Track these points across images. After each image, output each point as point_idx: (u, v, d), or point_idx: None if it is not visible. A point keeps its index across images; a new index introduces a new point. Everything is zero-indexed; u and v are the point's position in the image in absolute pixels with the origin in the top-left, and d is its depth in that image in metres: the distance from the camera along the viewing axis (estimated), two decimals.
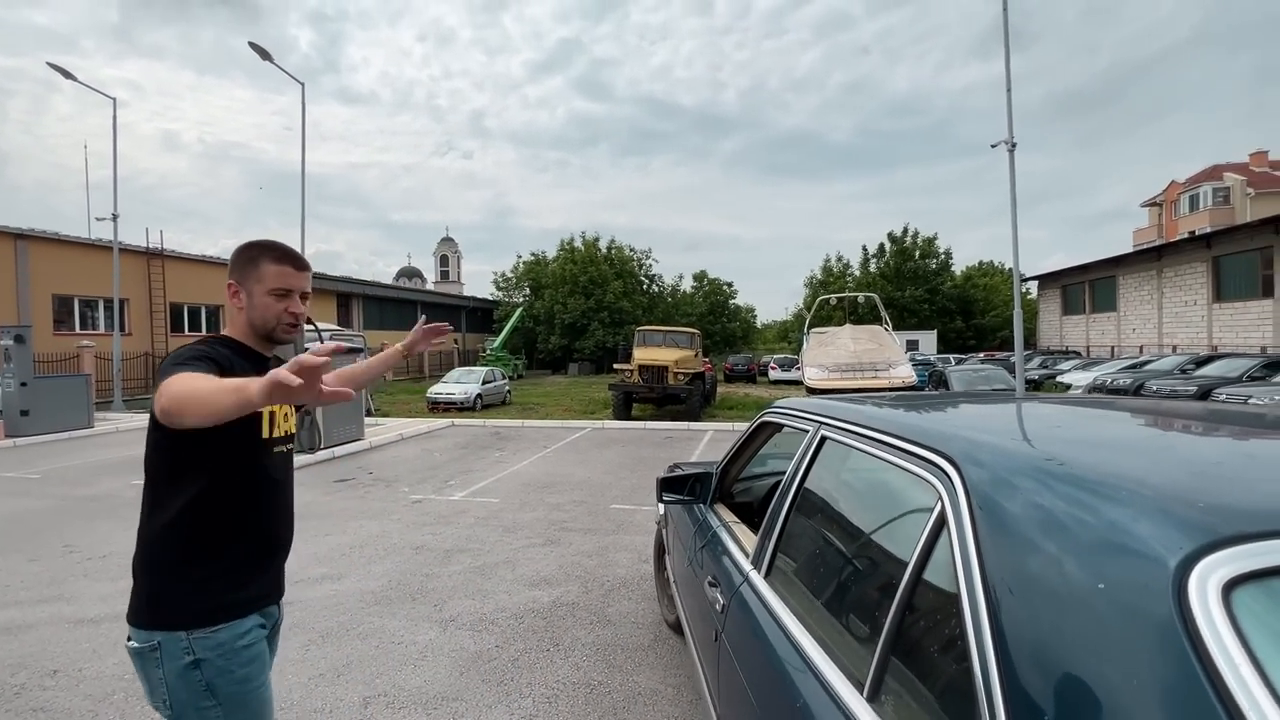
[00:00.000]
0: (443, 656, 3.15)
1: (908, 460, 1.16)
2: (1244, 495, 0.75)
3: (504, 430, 12.41)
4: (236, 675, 1.32)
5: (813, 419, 1.73)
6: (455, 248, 63.31)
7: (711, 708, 1.72)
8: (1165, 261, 25.14)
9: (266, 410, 1.39)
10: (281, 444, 1.48)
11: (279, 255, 1.44)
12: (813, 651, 1.20)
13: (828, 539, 1.48)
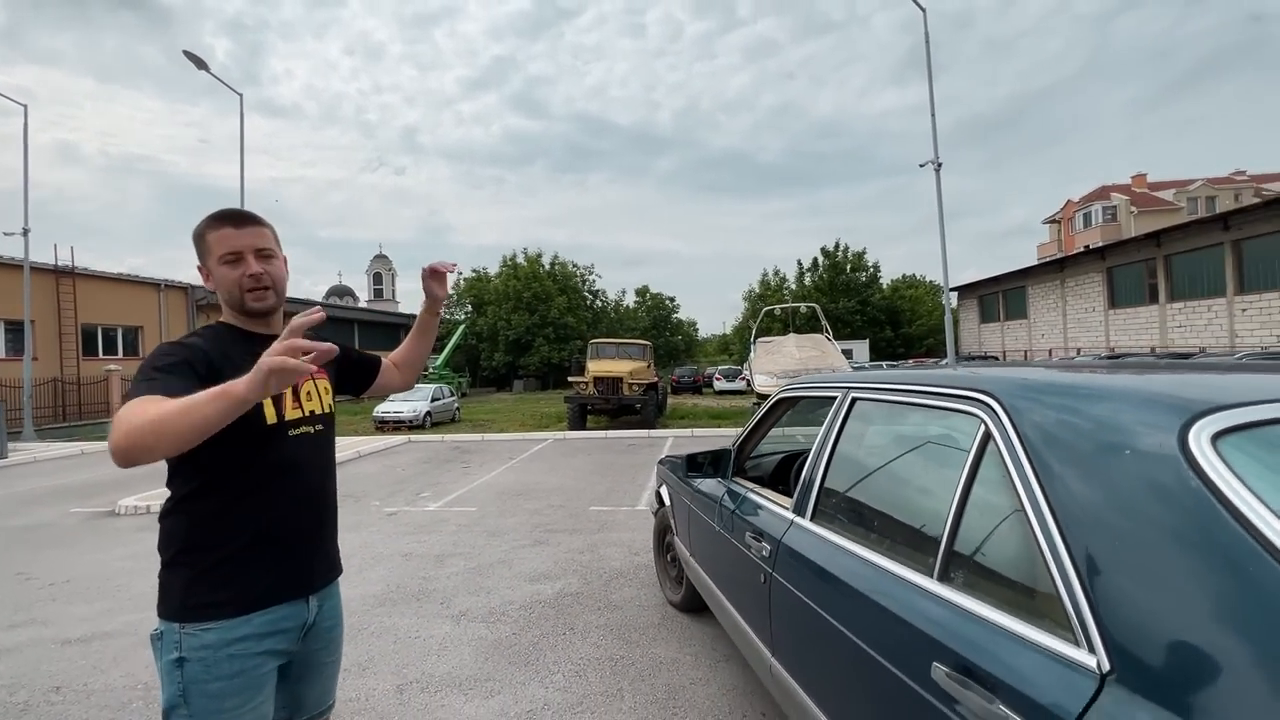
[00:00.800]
0: (464, 646, 3.25)
1: (948, 401, 1.46)
2: (1213, 387, 1.08)
3: (464, 444, 12.27)
4: (210, 689, 1.19)
5: (839, 386, 2.03)
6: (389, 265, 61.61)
7: (766, 641, 1.97)
8: (1067, 273, 27.59)
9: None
10: (304, 425, 1.36)
11: (216, 220, 1.32)
12: (876, 559, 1.48)
13: (870, 479, 1.77)
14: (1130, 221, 40.43)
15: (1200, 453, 0.92)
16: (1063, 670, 0.94)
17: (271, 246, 1.36)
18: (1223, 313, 19.52)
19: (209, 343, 1.28)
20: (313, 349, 1.01)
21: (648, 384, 15.92)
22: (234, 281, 1.31)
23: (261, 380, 0.96)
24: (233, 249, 1.31)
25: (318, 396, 1.42)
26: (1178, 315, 21.43)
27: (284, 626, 1.31)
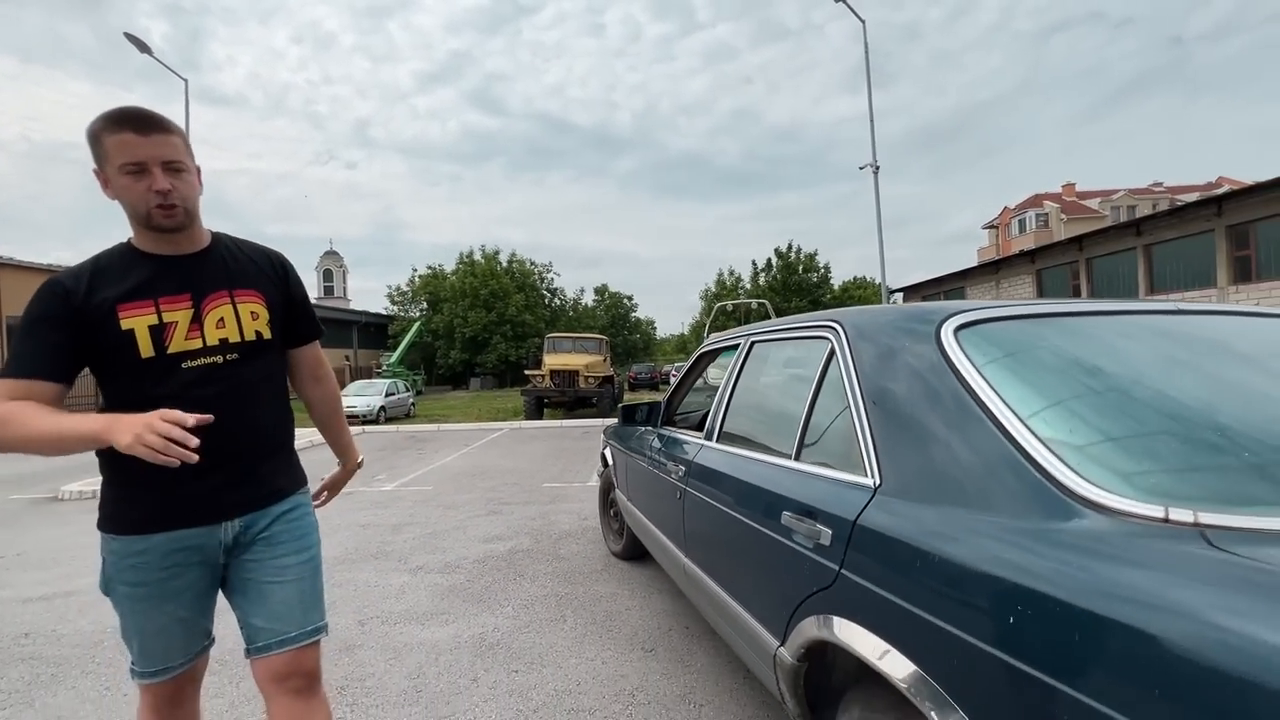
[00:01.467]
0: (420, 590, 3.53)
1: (811, 331, 1.86)
2: (967, 306, 1.50)
3: (419, 434, 12.35)
4: (120, 590, 1.29)
5: (742, 335, 2.43)
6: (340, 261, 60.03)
7: (681, 546, 2.35)
8: (1001, 274, 29.23)
9: (150, 324, 1.23)
10: (205, 355, 1.28)
11: (115, 122, 1.18)
12: (756, 454, 1.87)
13: (759, 402, 2.17)
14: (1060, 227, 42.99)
15: (946, 339, 1.33)
16: (854, 491, 1.35)
17: (182, 158, 1.23)
18: None
19: (87, 277, 1.22)
20: (180, 439, 1.04)
21: (603, 377, 16.25)
22: (138, 196, 1.20)
23: (124, 446, 1.04)
24: (135, 159, 1.18)
25: (234, 323, 1.31)
26: None
27: (190, 544, 1.28)
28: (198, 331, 1.28)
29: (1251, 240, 17.23)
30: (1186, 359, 1.33)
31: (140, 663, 1.34)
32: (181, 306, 1.28)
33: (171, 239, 1.28)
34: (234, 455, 1.31)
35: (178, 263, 1.29)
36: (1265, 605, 0.67)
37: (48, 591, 3.70)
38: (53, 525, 5.51)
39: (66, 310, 1.19)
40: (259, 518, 1.36)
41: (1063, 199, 47.05)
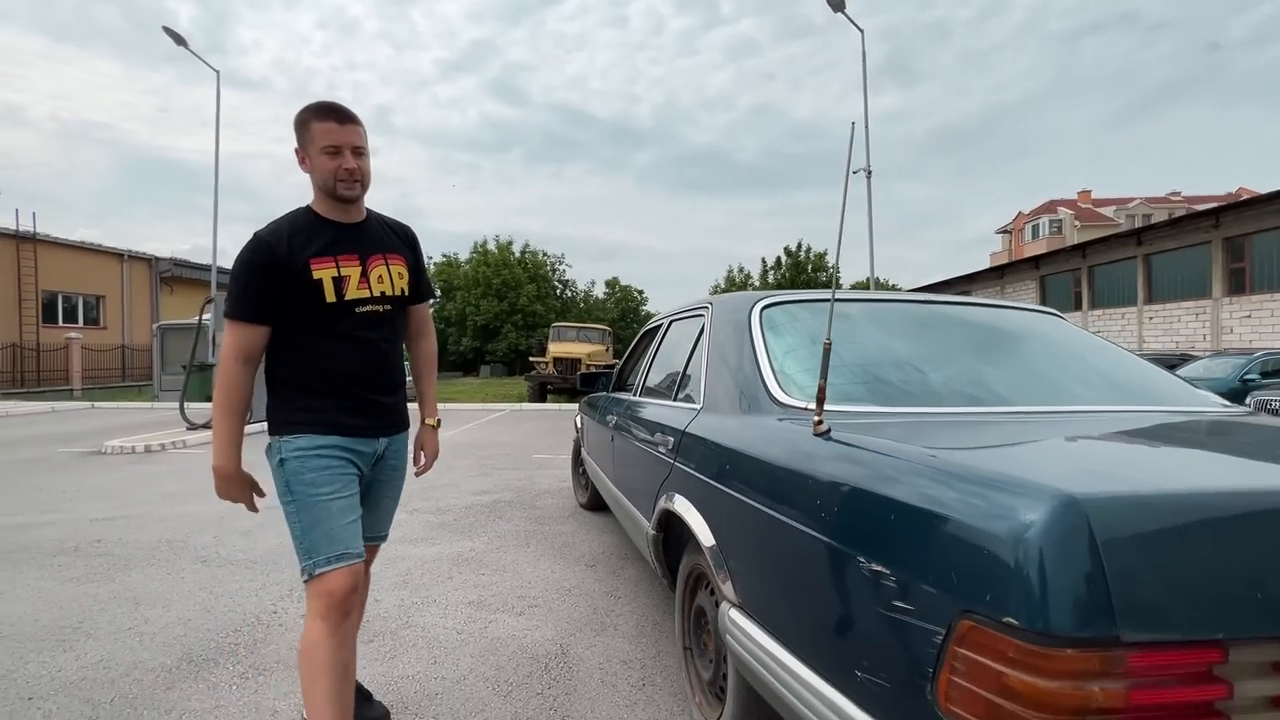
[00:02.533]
0: (414, 525, 4.24)
1: (696, 312, 2.52)
2: (766, 296, 2.15)
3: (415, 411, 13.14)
4: (305, 478, 1.50)
5: (665, 317, 3.09)
6: None
7: (610, 475, 3.03)
8: (1007, 280, 29.47)
9: (333, 275, 1.53)
10: (371, 304, 1.59)
11: (322, 112, 1.52)
12: (656, 401, 2.54)
13: (666, 363, 2.84)
14: (1074, 235, 42.86)
15: (753, 315, 1.98)
16: (689, 413, 2.01)
17: (365, 145, 1.57)
18: (1133, 320, 21.42)
19: (285, 236, 1.51)
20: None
21: (605, 366, 16.97)
22: (330, 171, 1.51)
23: (216, 481, 1.57)
24: (334, 143, 1.51)
25: (389, 280, 1.63)
26: (1097, 321, 23.32)
27: (357, 449, 1.58)
28: (365, 284, 1.58)
29: (1247, 253, 17.48)
30: (886, 328, 1.96)
31: (325, 546, 1.48)
32: (353, 264, 1.58)
33: (344, 209, 1.58)
34: (389, 387, 1.64)
35: (348, 229, 1.60)
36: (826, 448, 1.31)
37: (110, 514, 4.46)
38: (101, 472, 6.30)
39: (275, 262, 1.48)
40: (394, 440, 1.71)
41: (1077, 206, 46.86)
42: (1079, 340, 2.07)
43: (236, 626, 2.59)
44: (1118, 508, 0.78)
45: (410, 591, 3.01)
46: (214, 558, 3.50)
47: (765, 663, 1.27)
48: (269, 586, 3.07)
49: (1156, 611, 0.74)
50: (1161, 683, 0.74)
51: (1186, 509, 0.79)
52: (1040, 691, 0.73)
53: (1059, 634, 0.73)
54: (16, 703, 2.01)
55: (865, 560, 1.01)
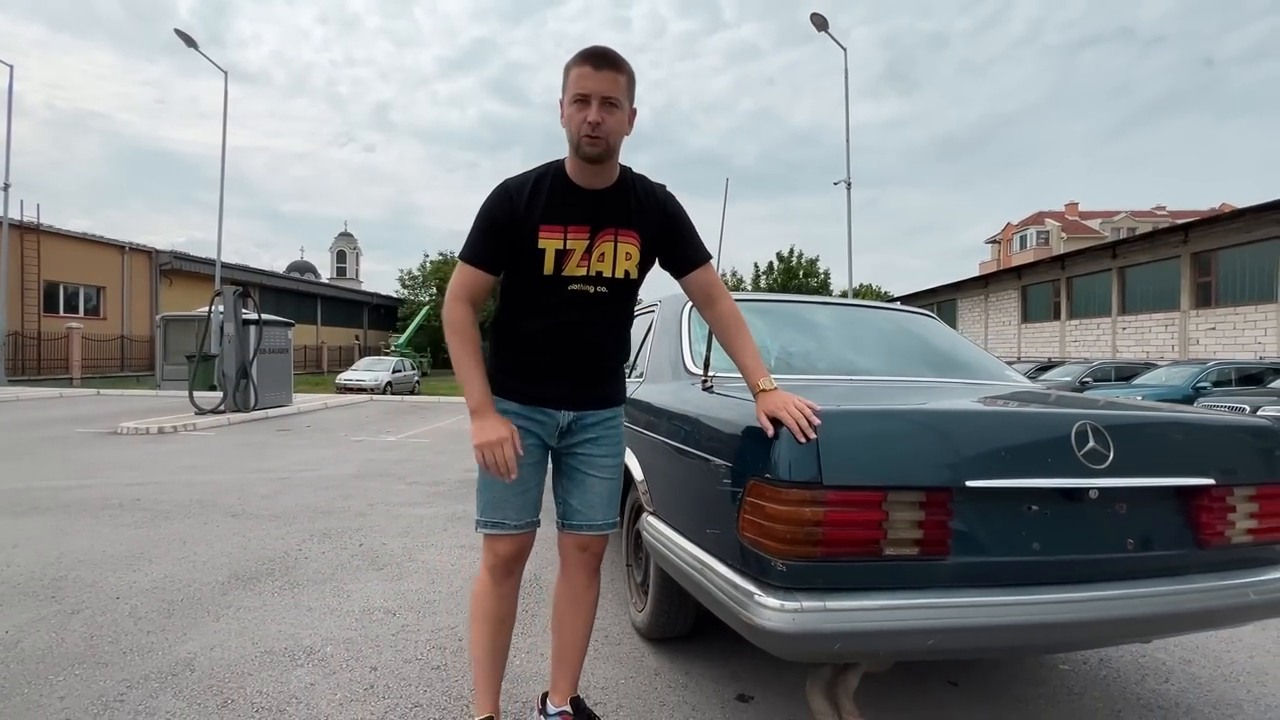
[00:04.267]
0: (415, 493, 4.82)
1: (650, 310, 3.11)
2: None
3: (421, 404, 13.70)
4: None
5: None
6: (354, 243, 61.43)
7: None
8: (990, 288, 30.24)
9: (558, 247, 1.44)
10: (584, 283, 1.48)
11: (581, 57, 1.38)
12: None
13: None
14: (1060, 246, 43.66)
15: (685, 310, 2.58)
16: (636, 385, 2.60)
17: (619, 96, 1.38)
18: (1108, 330, 22.17)
19: (528, 190, 1.44)
20: (503, 473, 1.44)
21: None
22: (576, 123, 1.38)
23: (473, 443, 1.44)
24: (583, 90, 1.36)
25: (611, 260, 1.49)
26: (1075, 331, 24.07)
27: (536, 418, 1.55)
28: (586, 261, 1.47)
29: (1213, 268, 18.24)
30: (787, 322, 2.56)
31: (485, 513, 1.55)
32: (581, 237, 1.46)
33: (592, 171, 1.44)
34: (588, 373, 1.56)
35: (589, 196, 1.46)
36: (706, 398, 1.89)
37: (141, 481, 5.01)
38: (122, 448, 6.85)
39: (511, 217, 1.43)
40: (587, 415, 1.58)
41: (1065, 218, 47.77)
42: (938, 334, 2.67)
43: (270, 558, 3.17)
44: (832, 416, 1.38)
45: (412, 539, 3.59)
46: (241, 513, 4.07)
47: (665, 544, 1.86)
48: (293, 533, 3.64)
49: (846, 469, 1.34)
50: (847, 509, 1.33)
51: (869, 417, 1.40)
52: (779, 512, 1.33)
53: (790, 480, 1.33)
54: (107, 601, 2.58)
55: (715, 460, 1.60)
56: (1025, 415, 1.53)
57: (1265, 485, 1.60)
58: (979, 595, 1.37)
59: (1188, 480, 1.51)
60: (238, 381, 9.92)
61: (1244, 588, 1.54)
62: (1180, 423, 1.64)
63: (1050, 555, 1.43)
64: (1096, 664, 2.26)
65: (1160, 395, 11.88)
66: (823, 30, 13.03)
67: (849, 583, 1.36)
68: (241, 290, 10.19)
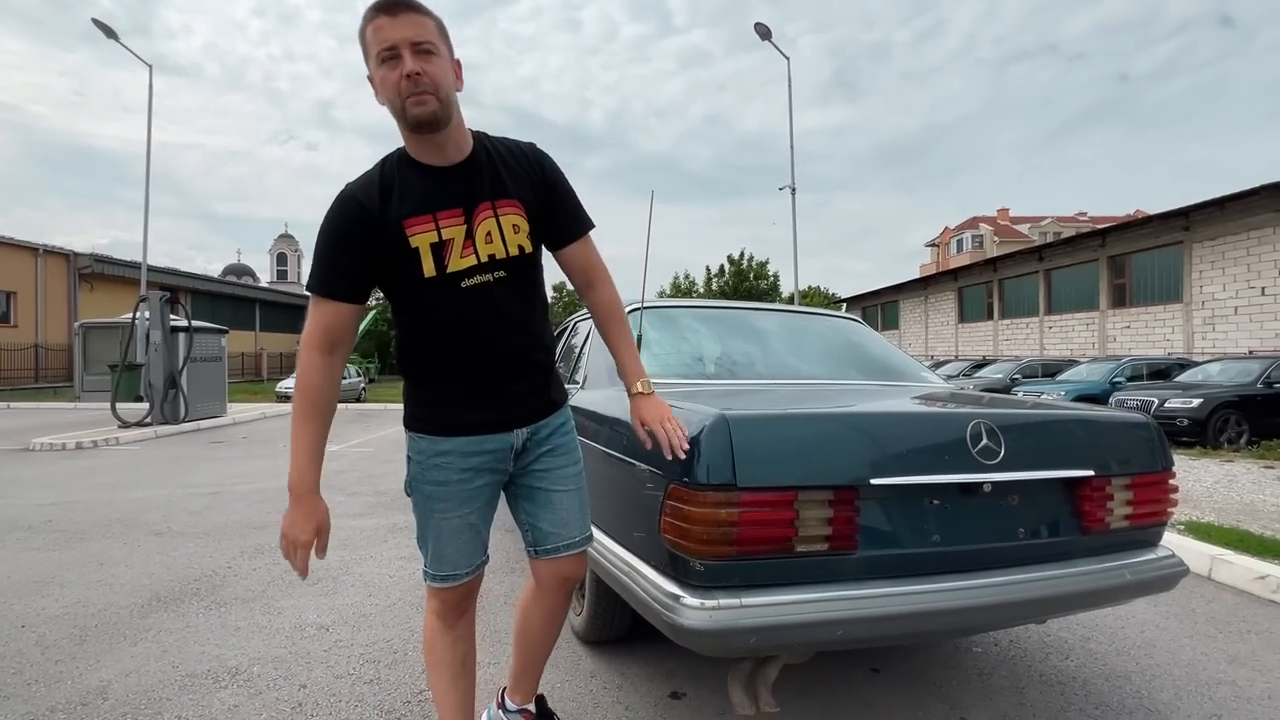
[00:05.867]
0: (355, 504, 4.70)
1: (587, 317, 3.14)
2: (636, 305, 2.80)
3: (367, 411, 13.32)
4: (424, 489, 1.38)
5: (572, 320, 3.71)
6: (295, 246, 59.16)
7: None
8: (930, 290, 31.57)
9: (432, 240, 1.21)
10: (479, 273, 1.25)
11: (371, 10, 1.14)
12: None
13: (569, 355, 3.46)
14: (993, 249, 46.00)
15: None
16: (575, 390, 2.63)
17: (433, 40, 1.15)
18: (1036, 330, 23.47)
19: (376, 189, 1.20)
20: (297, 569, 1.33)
21: None
22: (393, 87, 1.13)
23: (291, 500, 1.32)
24: (388, 43, 1.12)
25: (499, 237, 1.26)
26: (1007, 330, 25.38)
27: (487, 448, 1.33)
28: (471, 248, 1.23)
29: (1127, 270, 19.57)
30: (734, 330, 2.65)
31: (432, 566, 1.39)
32: (456, 222, 1.22)
33: (437, 144, 1.20)
34: (519, 371, 1.33)
35: (449, 174, 1.23)
36: (618, 399, 1.94)
37: (53, 500, 4.71)
38: (33, 466, 6.41)
39: (362, 224, 1.18)
40: (541, 428, 1.40)
41: (997, 223, 50.34)
42: (865, 339, 2.79)
43: (196, 577, 3.04)
44: (744, 421, 1.44)
45: (350, 551, 3.51)
46: (166, 531, 3.89)
47: (597, 549, 1.90)
48: (222, 550, 3.50)
49: (758, 471, 1.41)
50: (760, 509, 1.40)
51: (780, 421, 1.48)
52: (696, 514, 1.38)
53: (706, 484, 1.38)
54: (12, 630, 2.43)
55: (639, 465, 1.65)
56: (925, 416, 1.64)
57: (1140, 475, 1.76)
58: (884, 586, 1.46)
59: (1071, 472, 1.64)
60: (166, 392, 9.41)
61: (1121, 569, 1.69)
62: (1064, 419, 1.78)
63: (950, 546, 1.53)
64: (1006, 645, 2.41)
65: (1081, 390, 12.67)
66: (766, 40, 13.36)
67: (763, 580, 1.42)
68: (168, 295, 9.68)
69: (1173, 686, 2.10)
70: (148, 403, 9.46)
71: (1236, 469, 7.44)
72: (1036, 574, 1.58)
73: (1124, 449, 1.77)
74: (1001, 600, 1.52)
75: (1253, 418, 9.43)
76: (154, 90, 14.23)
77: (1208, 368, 11.33)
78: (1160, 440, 1.85)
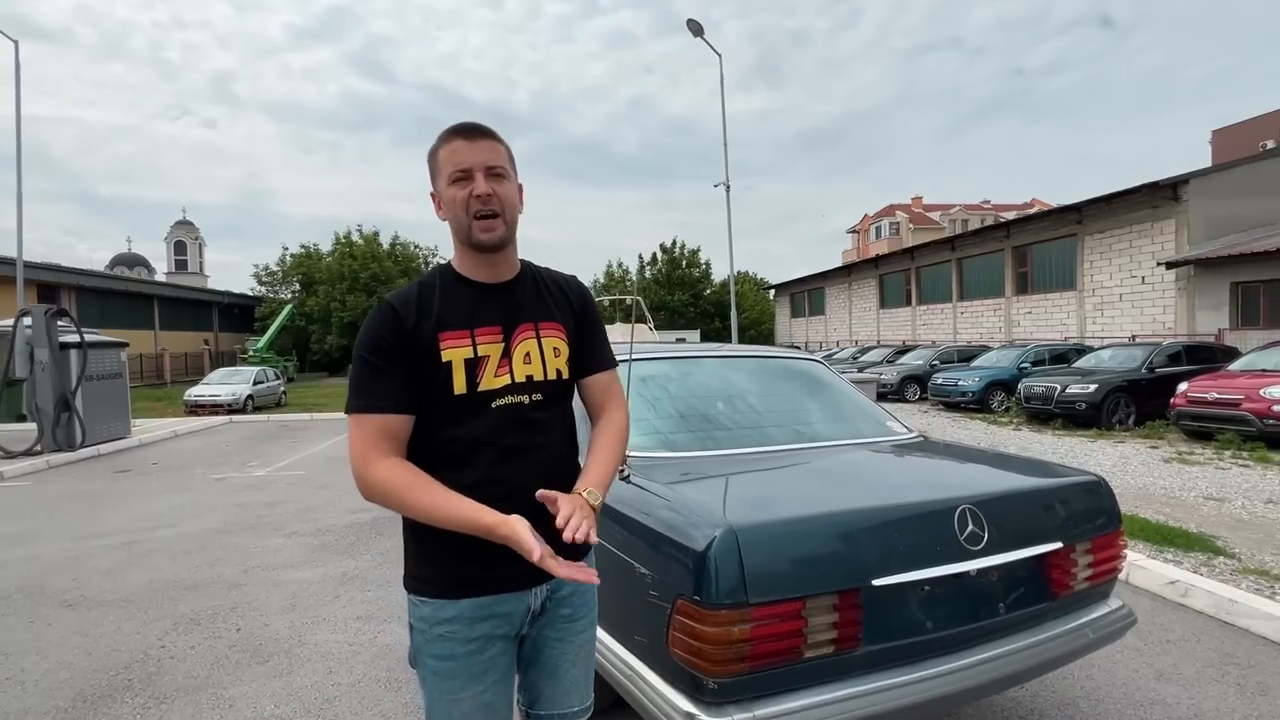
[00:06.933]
0: (295, 548, 4.41)
1: None
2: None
3: (292, 423, 12.53)
4: (430, 664, 1.18)
5: None
6: (195, 233, 54.47)
7: None
8: (853, 277, 32.96)
9: (467, 356, 1.13)
10: (512, 394, 1.16)
11: (447, 133, 1.17)
12: None
13: None
14: (909, 236, 48.56)
15: None
16: None
17: (504, 165, 1.18)
18: (950, 316, 25.02)
19: (414, 301, 1.14)
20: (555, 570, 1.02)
21: None
22: (461, 204, 1.14)
23: (501, 539, 1.03)
24: (462, 165, 1.14)
25: (539, 359, 1.20)
26: (924, 315, 26.91)
27: (500, 611, 1.18)
28: (506, 367, 1.17)
29: (1029, 260, 21.15)
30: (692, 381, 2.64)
31: None
32: (494, 339, 1.17)
33: (490, 262, 1.19)
34: (538, 512, 1.10)
35: (493, 291, 1.20)
36: (625, 489, 1.88)
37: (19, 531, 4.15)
38: None
39: (401, 337, 1.12)
40: (562, 584, 1.22)
41: (911, 210, 53.10)
42: (827, 385, 2.86)
43: (125, 664, 2.76)
44: (752, 531, 1.44)
45: (300, 613, 3.29)
46: (80, 601, 3.51)
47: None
48: (150, 623, 3.20)
49: (769, 584, 1.41)
50: (771, 622, 1.40)
51: (784, 527, 1.49)
52: (709, 634, 1.37)
53: (719, 603, 1.37)
54: None
55: (639, 567, 1.61)
56: (917, 509, 1.68)
57: (1098, 537, 1.89)
58: (886, 679, 1.51)
59: (1044, 547, 1.75)
60: (58, 415, 8.48)
61: (1085, 629, 1.82)
62: (1033, 491, 1.89)
63: (942, 630, 1.60)
64: None
65: (994, 376, 13.65)
66: (699, 36, 13.37)
67: (773, 688, 1.44)
68: (55, 309, 8.69)
69: (1116, 713, 2.30)
70: (35, 425, 8.50)
71: (1128, 450, 8.25)
72: (1017, 646, 1.68)
73: (1084, 514, 1.90)
74: (991, 679, 1.62)
75: (1139, 400, 10.45)
76: (11, 54, 12.60)
77: (1100, 354, 12.42)
78: (1111, 499, 2.00)
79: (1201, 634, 2.93)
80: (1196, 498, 5.43)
